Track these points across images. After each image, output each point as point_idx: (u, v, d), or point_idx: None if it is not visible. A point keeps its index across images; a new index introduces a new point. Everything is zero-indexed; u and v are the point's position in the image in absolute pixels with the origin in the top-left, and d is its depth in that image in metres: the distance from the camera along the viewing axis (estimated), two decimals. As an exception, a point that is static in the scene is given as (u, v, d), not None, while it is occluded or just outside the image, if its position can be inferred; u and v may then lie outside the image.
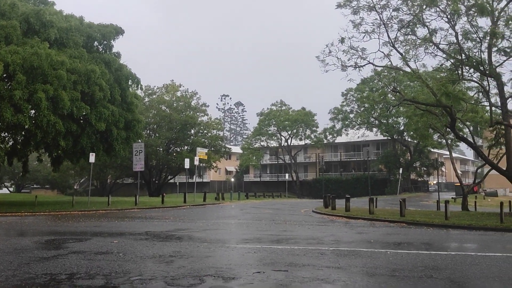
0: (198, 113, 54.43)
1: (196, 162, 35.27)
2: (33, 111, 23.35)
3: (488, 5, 18.21)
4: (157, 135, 52.44)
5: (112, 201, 28.94)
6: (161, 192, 42.69)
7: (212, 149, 53.37)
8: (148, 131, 52.45)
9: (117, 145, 27.27)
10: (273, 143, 69.71)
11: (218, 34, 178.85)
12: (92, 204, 27.37)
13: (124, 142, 27.96)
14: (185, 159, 36.03)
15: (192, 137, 54.49)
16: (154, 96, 53.97)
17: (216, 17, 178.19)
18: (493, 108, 21.53)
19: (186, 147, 53.55)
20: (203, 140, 53.82)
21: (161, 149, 52.20)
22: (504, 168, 20.96)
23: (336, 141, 66.17)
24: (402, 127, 54.88)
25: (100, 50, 28.57)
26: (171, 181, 60.80)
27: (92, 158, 25.85)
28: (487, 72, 18.97)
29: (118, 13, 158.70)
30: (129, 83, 29.51)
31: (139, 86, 31.02)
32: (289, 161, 69.02)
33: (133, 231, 13.39)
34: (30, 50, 21.86)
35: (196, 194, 37.00)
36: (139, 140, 30.56)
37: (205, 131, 55.22)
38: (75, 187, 68.15)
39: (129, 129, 28.22)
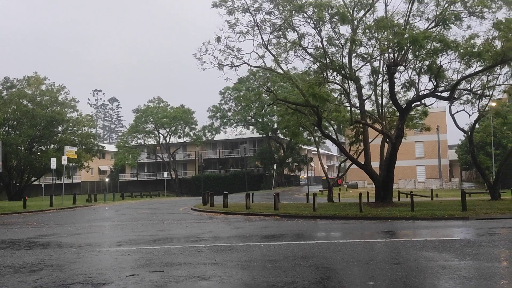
0: (66, 109, 50.23)
1: (64, 162, 32.58)
2: None
3: (348, 14, 20.11)
4: (17, 132, 47.07)
5: (-40, 208, 25.29)
6: (23, 195, 38.49)
7: (83, 147, 49.92)
8: (6, 128, 46.85)
9: (-33, 144, 23.90)
10: (151, 141, 67.88)
11: (89, 26, 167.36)
12: None
13: (-25, 140, 24.60)
14: (51, 158, 32.98)
15: (59, 134, 50.18)
16: (13, 90, 48.33)
17: (84, 5, 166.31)
18: (353, 109, 23.88)
19: (52, 146, 49.14)
20: (73, 138, 50.00)
21: (22, 148, 47.01)
22: (363, 162, 23.47)
23: (215, 139, 67.15)
24: (276, 125, 57.81)
25: None
26: (35, 183, 55.36)
27: None
28: (347, 75, 20.94)
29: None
30: (-18, 74, 26.03)
31: (-6, 78, 27.54)
32: (168, 159, 67.90)
33: (-14, 241, 11.84)
34: None
35: (65, 197, 34.21)
36: (-5, 139, 27.13)
37: (74, 128, 51.31)
38: None
39: (-18, 126, 24.92)
